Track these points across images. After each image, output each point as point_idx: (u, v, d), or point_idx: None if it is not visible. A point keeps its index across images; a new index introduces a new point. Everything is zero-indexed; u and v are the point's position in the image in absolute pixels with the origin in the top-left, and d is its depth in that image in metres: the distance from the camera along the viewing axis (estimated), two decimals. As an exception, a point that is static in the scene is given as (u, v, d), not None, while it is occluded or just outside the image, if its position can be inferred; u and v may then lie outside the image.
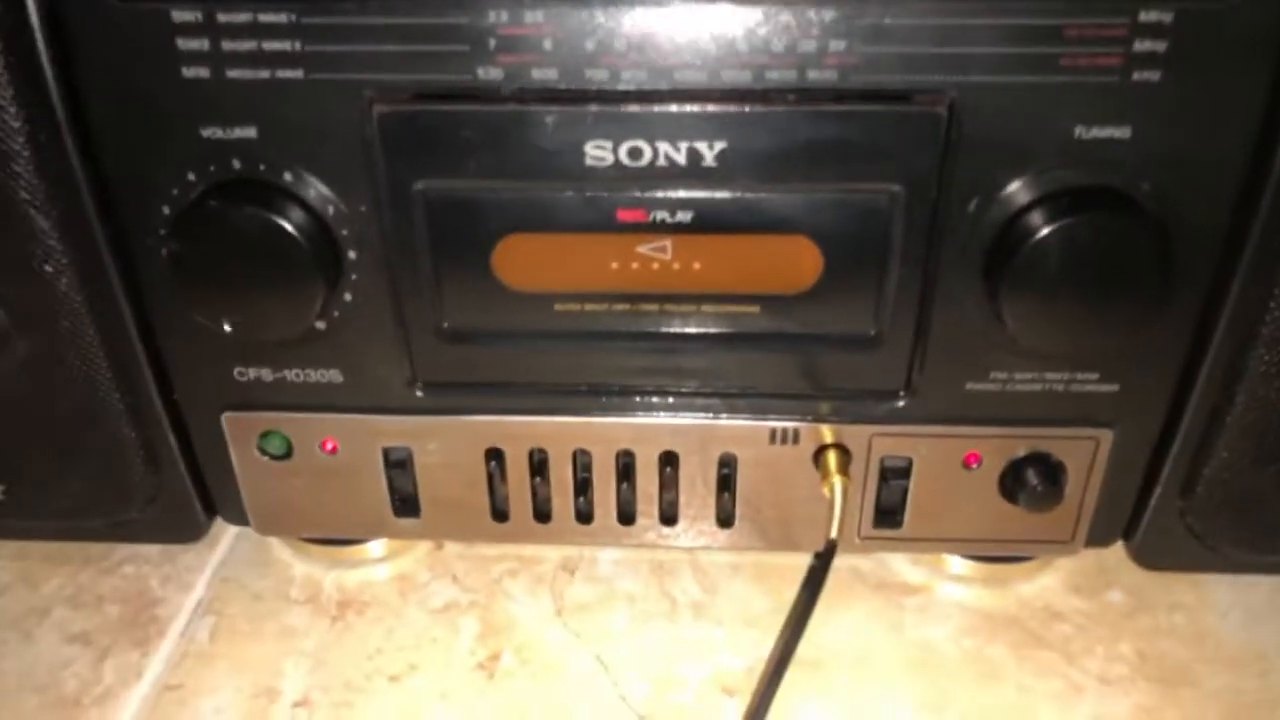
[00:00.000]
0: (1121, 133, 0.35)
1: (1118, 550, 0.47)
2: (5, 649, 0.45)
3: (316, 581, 0.49)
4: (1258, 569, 0.46)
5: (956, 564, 0.49)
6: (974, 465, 0.43)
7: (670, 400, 0.43)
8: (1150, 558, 0.46)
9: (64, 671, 0.44)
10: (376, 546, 0.50)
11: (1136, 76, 0.34)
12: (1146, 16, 0.33)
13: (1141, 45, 0.34)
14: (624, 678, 0.44)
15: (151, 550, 0.50)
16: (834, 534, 0.40)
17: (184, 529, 0.48)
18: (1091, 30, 0.34)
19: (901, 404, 0.42)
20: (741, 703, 0.42)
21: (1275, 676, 0.44)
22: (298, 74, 0.36)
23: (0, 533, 0.49)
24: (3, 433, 0.45)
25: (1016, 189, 0.36)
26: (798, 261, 0.38)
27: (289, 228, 0.37)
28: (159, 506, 0.47)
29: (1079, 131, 0.35)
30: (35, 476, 0.46)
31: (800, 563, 0.48)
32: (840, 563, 0.49)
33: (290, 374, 0.43)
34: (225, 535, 0.51)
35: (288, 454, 0.45)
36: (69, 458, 0.45)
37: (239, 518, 0.47)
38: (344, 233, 0.39)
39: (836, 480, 0.42)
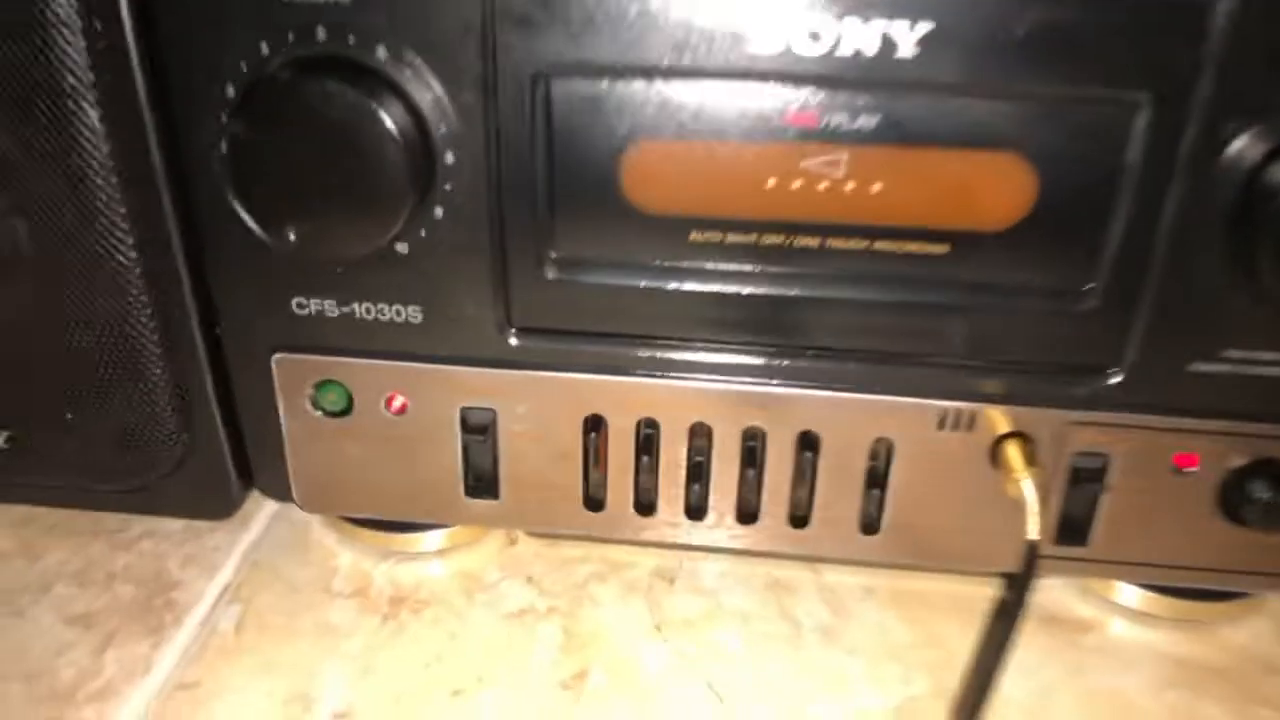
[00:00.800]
0: None
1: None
2: (-7, 628, 0.38)
3: (365, 573, 0.41)
4: None
5: (1131, 595, 0.40)
6: (1187, 469, 0.35)
7: (818, 367, 0.35)
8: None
9: (59, 659, 0.37)
10: (436, 537, 0.42)
11: None
12: None
13: None
14: (743, 711, 0.35)
15: (174, 525, 0.43)
16: (1033, 534, 0.32)
17: (214, 501, 0.41)
18: None
19: (1110, 384, 0.34)
20: (890, 752, 0.34)
21: None
22: (405, -80, 0.29)
23: (5, 494, 0.41)
24: (13, 371, 0.38)
25: (1296, 105, 0.29)
26: (1006, 188, 0.31)
27: (378, 116, 0.30)
28: (187, 471, 0.40)
29: (1383, 32, 0.28)
30: (44, 423, 0.39)
31: (948, 590, 0.40)
32: (988, 590, 0.40)
33: (360, 308, 0.35)
34: (260, 513, 0.44)
35: (347, 410, 0.37)
36: (85, 401, 0.38)
37: (280, 490, 0.40)
38: (442, 129, 0.31)
39: (1026, 475, 0.34)
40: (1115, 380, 0.34)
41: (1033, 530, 0.32)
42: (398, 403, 0.37)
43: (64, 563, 0.41)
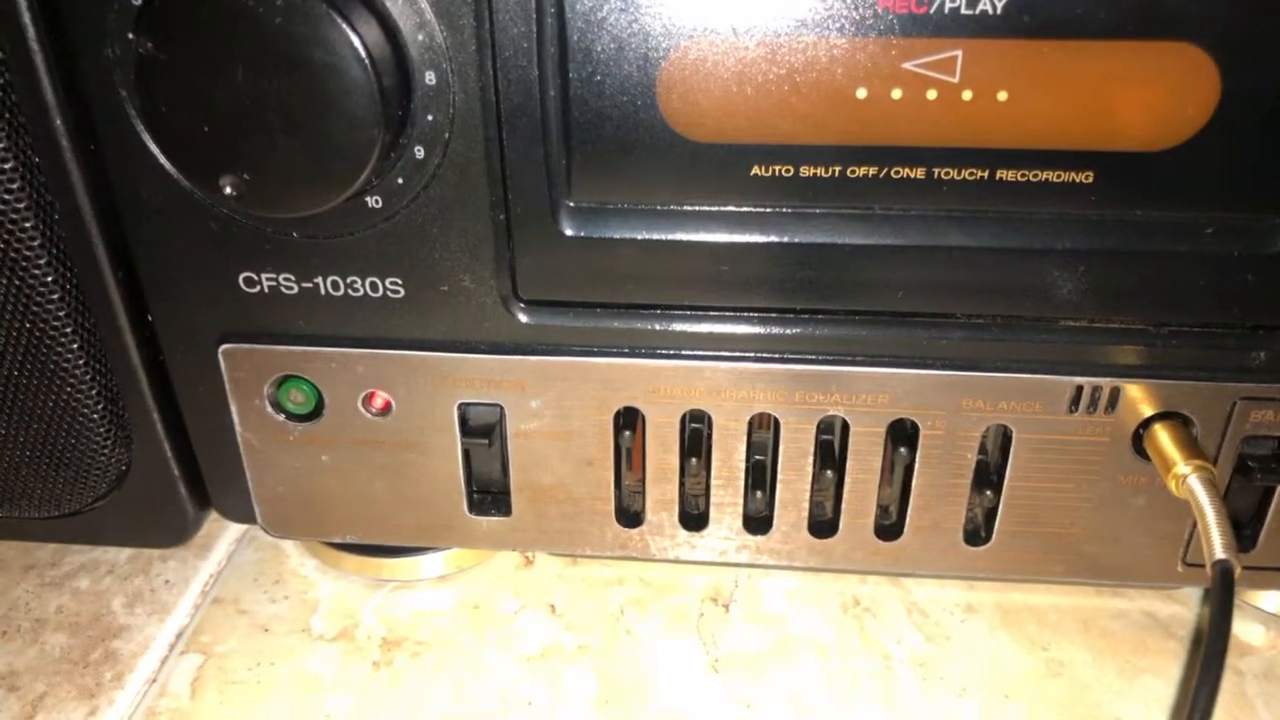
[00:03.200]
0: None
1: None
2: (-110, 695, 0.30)
3: (351, 609, 0.33)
4: None
5: (1274, 601, 0.33)
6: (1387, 454, 0.27)
7: (915, 337, 0.27)
8: None
9: (-30, 738, 0.29)
10: (436, 561, 0.34)
11: None
12: None
13: None
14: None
15: (118, 556, 0.35)
16: (1220, 553, 0.24)
17: (163, 526, 0.34)
18: None
19: (1297, 349, 0.26)
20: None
21: None
22: None
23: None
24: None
25: None
26: (1176, 92, 0.23)
27: (333, 20, 0.22)
28: (129, 491, 0.33)
29: None
30: (-53, 440, 0.31)
31: (1065, 604, 0.32)
32: (1118, 603, 0.33)
33: (325, 283, 0.28)
34: (221, 538, 0.36)
35: (316, 412, 0.30)
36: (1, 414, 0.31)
37: (241, 511, 0.32)
38: (419, 38, 0.24)
39: (1195, 472, 0.26)
40: (1306, 344, 0.26)
41: (1218, 548, 0.24)
42: (379, 400, 0.29)
43: (-18, 608, 0.33)
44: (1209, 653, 0.22)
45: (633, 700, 0.30)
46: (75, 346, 0.29)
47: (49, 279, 0.28)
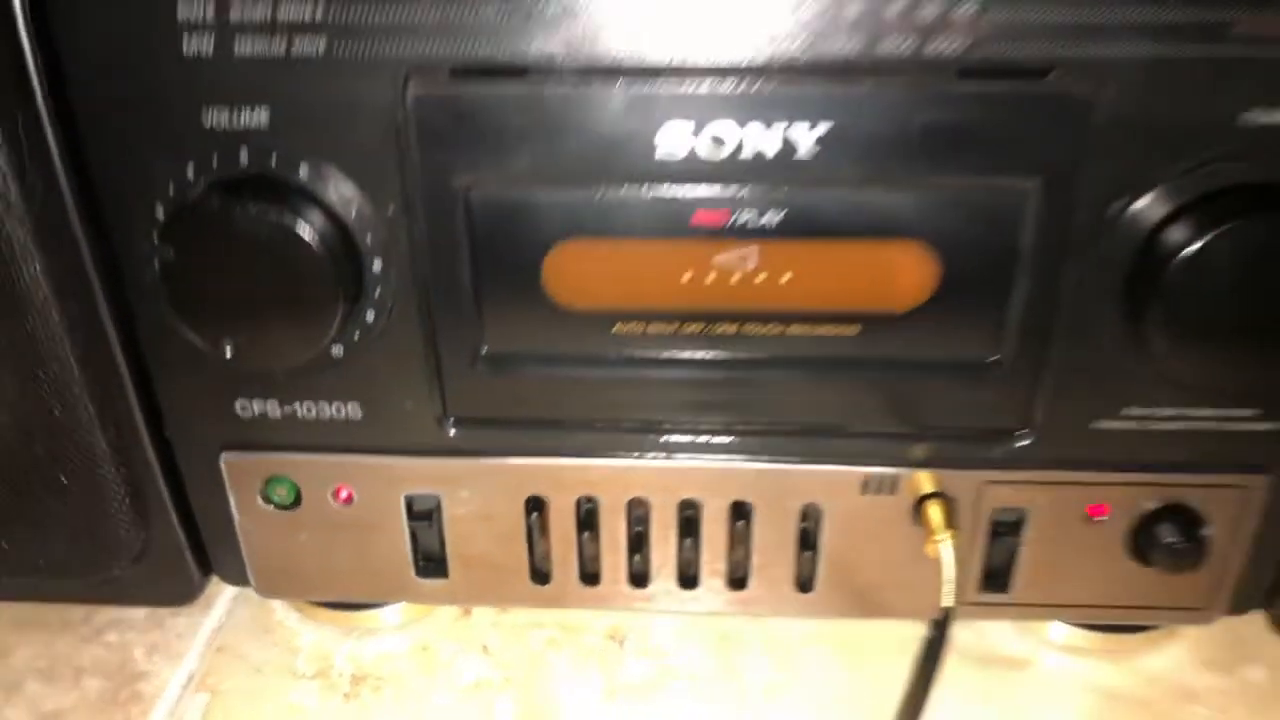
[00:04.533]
0: (1302, 117, 0.29)
1: (1252, 621, 0.40)
2: (-40, 732, 0.39)
3: (327, 652, 0.42)
4: None
5: (1061, 631, 0.42)
6: (1099, 518, 0.37)
7: (745, 441, 0.36)
8: (1303, 629, 0.39)
9: (30, 760, 0.38)
10: (393, 613, 0.43)
11: (1326, 47, 0.28)
12: (1341, -27, 0.28)
13: (1333, 9, 0.28)
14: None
15: (137, 615, 0.44)
16: (948, 601, 0.34)
17: (175, 589, 0.42)
18: (1271, -8, 0.28)
19: (1021, 445, 0.35)
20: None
21: None
22: (318, 49, 0.30)
23: (-34, 593, 0.42)
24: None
25: (1172, 186, 0.31)
26: (909, 272, 0.32)
27: (303, 232, 0.31)
28: (147, 563, 0.41)
29: (1248, 117, 0.30)
30: (3, 528, 0.40)
31: (889, 632, 0.41)
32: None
33: (301, 408, 0.36)
34: (221, 597, 0.45)
35: (295, 503, 0.38)
36: (44, 505, 0.39)
37: (238, 577, 0.41)
38: (368, 239, 0.33)
39: (945, 536, 0.35)
40: (1025, 442, 0.35)
41: (948, 598, 0.33)
42: (344, 494, 0.38)
43: (33, 659, 0.42)
44: (923, 660, 0.31)
45: (538, 713, 0.39)
46: (110, 456, 0.38)
47: (91, 408, 0.37)
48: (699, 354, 0.35)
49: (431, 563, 0.40)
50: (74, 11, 0.30)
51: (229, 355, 0.33)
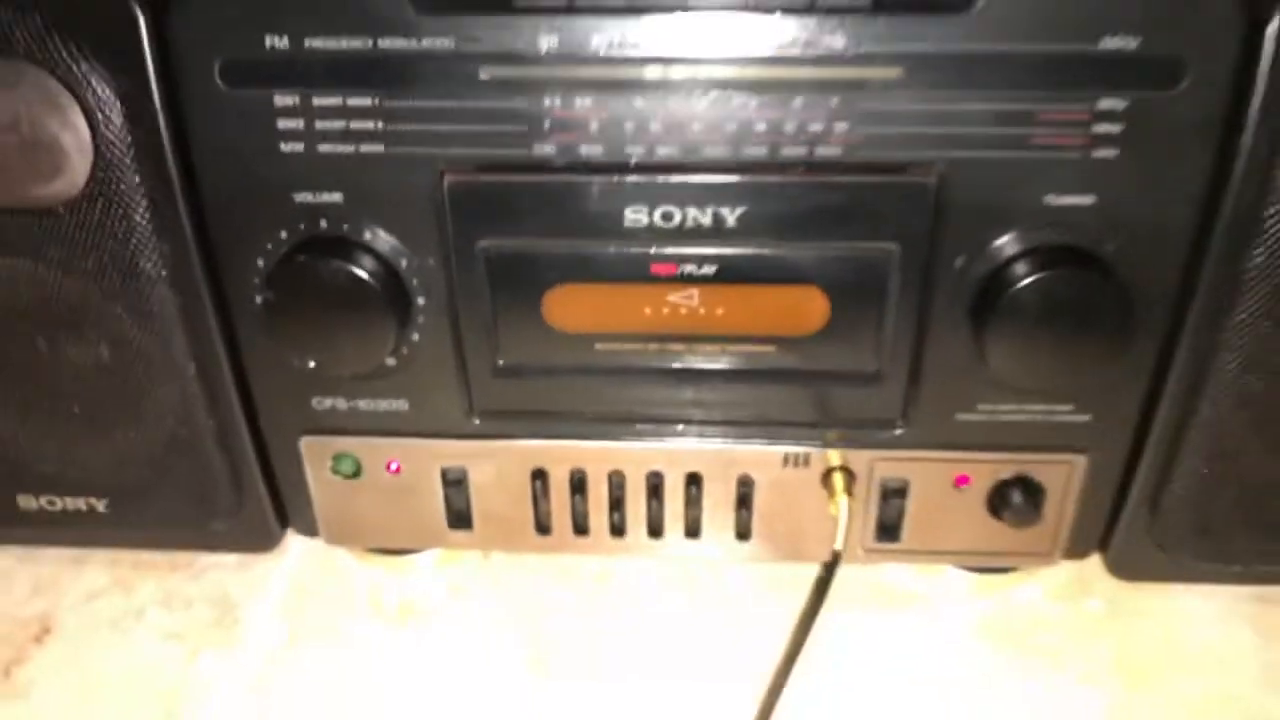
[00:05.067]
0: (1086, 200, 0.41)
1: (1096, 562, 0.52)
2: (109, 647, 0.51)
3: (377, 587, 0.54)
4: (1217, 579, 0.51)
5: (950, 574, 0.54)
6: (964, 486, 0.49)
7: (695, 428, 0.49)
8: (1123, 569, 0.52)
9: (163, 666, 0.50)
10: (429, 557, 0.55)
11: (1097, 153, 0.40)
12: (1104, 104, 0.39)
13: (1100, 127, 0.39)
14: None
15: (230, 559, 0.56)
16: (839, 546, 0.46)
17: (261, 540, 0.54)
18: (1059, 114, 0.39)
19: (899, 433, 0.48)
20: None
21: (1233, 676, 0.49)
22: (379, 149, 0.42)
23: (101, 541, 0.55)
24: (110, 453, 0.51)
25: (996, 247, 0.42)
26: (808, 308, 0.44)
27: (367, 277, 0.43)
28: (240, 519, 0.53)
29: (1049, 199, 0.41)
30: (134, 492, 0.52)
31: (807, 573, 0.54)
32: (848, 574, 0.54)
33: (362, 403, 0.49)
34: (294, 547, 0.57)
35: (357, 474, 0.51)
36: (165, 476, 0.51)
37: (309, 530, 0.53)
38: (414, 282, 0.45)
39: (842, 499, 0.47)
40: (902, 430, 0.47)
41: (839, 541, 0.46)
42: (394, 466, 0.50)
43: (153, 593, 0.54)
44: (816, 587, 0.44)
45: (544, 634, 0.51)
46: (215, 439, 0.50)
47: (204, 404, 0.49)
48: (659, 364, 0.47)
49: (460, 518, 0.52)
50: (204, 124, 0.42)
51: (311, 366, 0.46)
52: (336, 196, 0.43)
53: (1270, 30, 0.38)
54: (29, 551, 0.56)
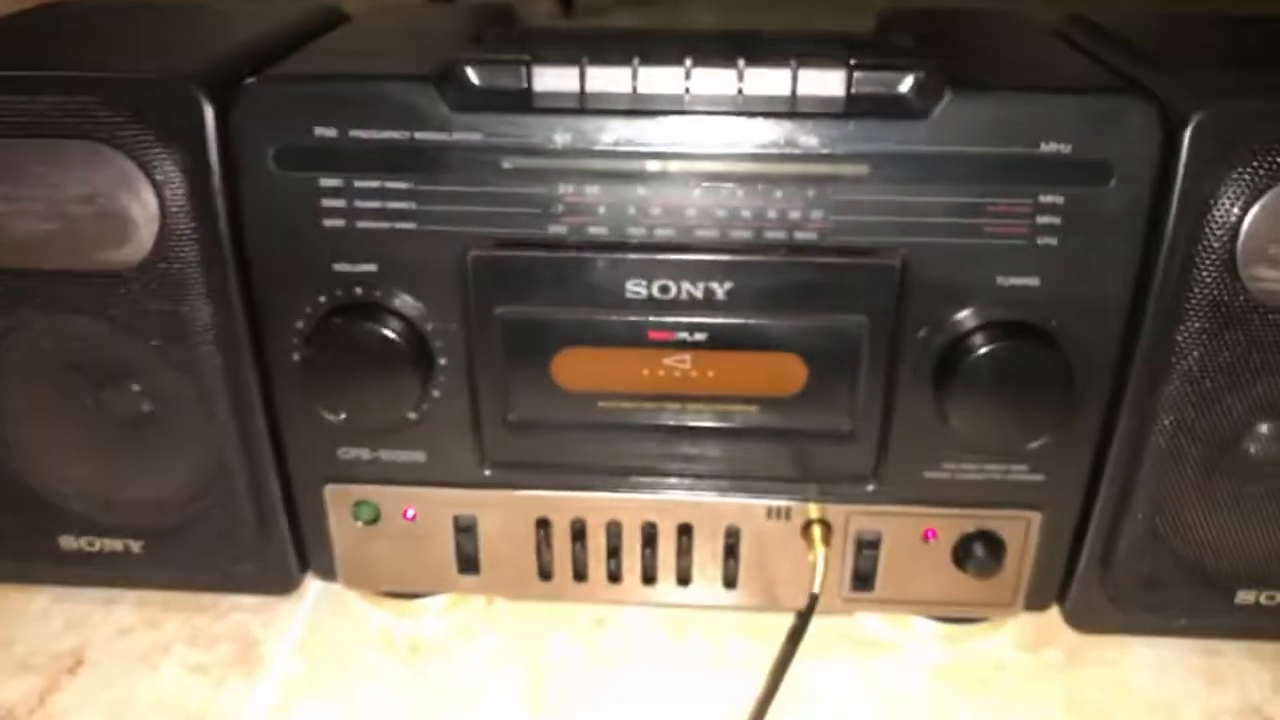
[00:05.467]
0: (1032, 281, 0.47)
1: (1056, 616, 0.57)
2: (136, 677, 0.55)
3: (389, 628, 0.59)
4: (1166, 631, 0.55)
5: (920, 623, 0.58)
6: (932, 539, 0.54)
7: (687, 481, 0.53)
8: (1079, 621, 0.56)
9: (188, 695, 0.54)
10: (437, 601, 0.60)
11: (1040, 241, 0.46)
12: (1045, 198, 0.45)
13: (1042, 219, 0.45)
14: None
15: (252, 601, 0.60)
16: (816, 589, 0.50)
17: (282, 582, 0.58)
18: (1005, 207, 0.45)
19: (871, 489, 0.52)
20: None
21: (1177, 718, 0.53)
22: (411, 226, 0.47)
23: (133, 582, 0.59)
24: (146, 498, 0.56)
25: (955, 321, 0.48)
26: (787, 373, 0.50)
27: (395, 339, 0.48)
28: (264, 562, 0.57)
29: (1000, 280, 0.47)
30: (168, 534, 0.56)
31: (786, 621, 0.58)
32: (826, 624, 0.58)
33: (384, 454, 0.53)
34: (311, 590, 0.61)
35: (375, 520, 0.55)
36: (197, 520, 0.56)
37: (328, 573, 0.58)
38: (437, 344, 0.50)
39: (820, 550, 0.52)
40: (873, 486, 0.52)
41: (816, 585, 0.50)
42: (410, 513, 0.55)
43: (179, 629, 0.58)
44: (795, 629, 0.48)
45: (544, 673, 0.55)
46: (247, 485, 0.55)
47: (239, 454, 0.54)
48: (655, 421, 0.52)
49: (468, 563, 0.56)
50: (257, 201, 0.48)
51: (342, 418, 0.51)
52: (371, 267, 0.48)
53: (1184, 137, 0.44)
54: (64, 592, 0.60)
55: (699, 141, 0.46)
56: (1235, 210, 0.44)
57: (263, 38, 0.55)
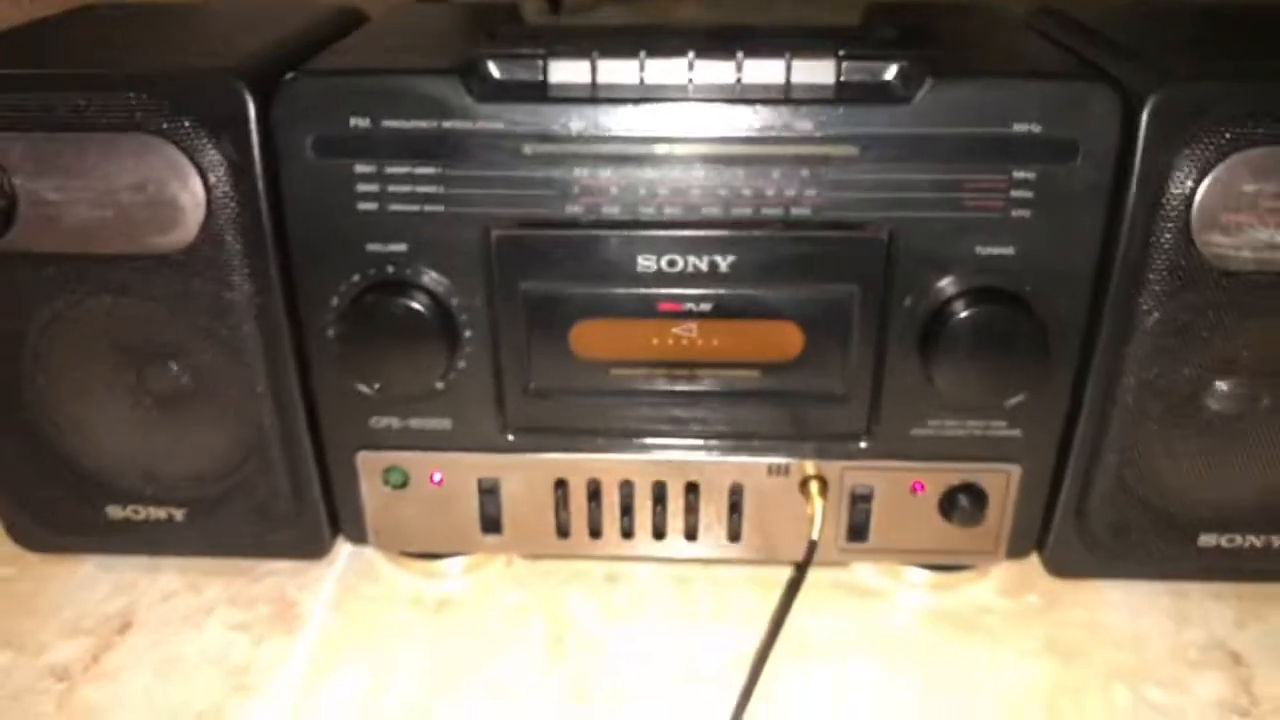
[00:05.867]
0: (1007, 251, 0.51)
1: (1036, 563, 0.61)
2: (183, 635, 0.59)
3: (416, 587, 0.63)
4: (1137, 575, 0.60)
5: (911, 572, 0.63)
6: (920, 492, 0.58)
7: (694, 442, 0.58)
8: (1056, 567, 0.61)
9: (230, 650, 0.58)
10: (458, 562, 0.64)
11: (1014, 213, 0.50)
12: (1018, 174, 0.50)
13: (1016, 193, 0.50)
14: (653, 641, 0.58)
15: (286, 565, 0.64)
16: (815, 536, 0.55)
17: (315, 546, 0.62)
18: (982, 183, 0.50)
19: (864, 445, 0.57)
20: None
21: (1147, 652, 0.58)
22: (439, 208, 0.52)
23: (174, 549, 0.63)
24: (191, 468, 0.60)
25: (938, 289, 0.52)
26: (785, 339, 0.54)
27: (424, 313, 0.53)
28: (298, 528, 0.61)
29: (978, 250, 0.51)
30: (209, 503, 0.60)
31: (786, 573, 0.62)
32: (823, 575, 0.63)
33: (413, 422, 0.57)
34: (341, 554, 0.65)
35: (404, 484, 0.59)
36: (236, 488, 0.60)
37: (359, 537, 0.62)
38: (463, 318, 0.54)
39: (817, 503, 0.57)
40: (865, 444, 0.57)
41: (815, 534, 0.55)
42: (437, 477, 0.59)
43: (220, 592, 0.62)
44: (794, 577, 0.53)
45: (561, 625, 0.60)
46: (282, 455, 0.59)
47: (276, 424, 0.58)
48: (665, 387, 0.56)
49: (491, 523, 0.60)
50: (296, 187, 0.52)
51: (374, 389, 0.55)
52: (401, 246, 0.53)
53: (1142, 117, 0.48)
54: (108, 561, 0.64)
55: (702, 127, 0.50)
56: (1189, 182, 0.49)
57: (291, 36, 0.59)
